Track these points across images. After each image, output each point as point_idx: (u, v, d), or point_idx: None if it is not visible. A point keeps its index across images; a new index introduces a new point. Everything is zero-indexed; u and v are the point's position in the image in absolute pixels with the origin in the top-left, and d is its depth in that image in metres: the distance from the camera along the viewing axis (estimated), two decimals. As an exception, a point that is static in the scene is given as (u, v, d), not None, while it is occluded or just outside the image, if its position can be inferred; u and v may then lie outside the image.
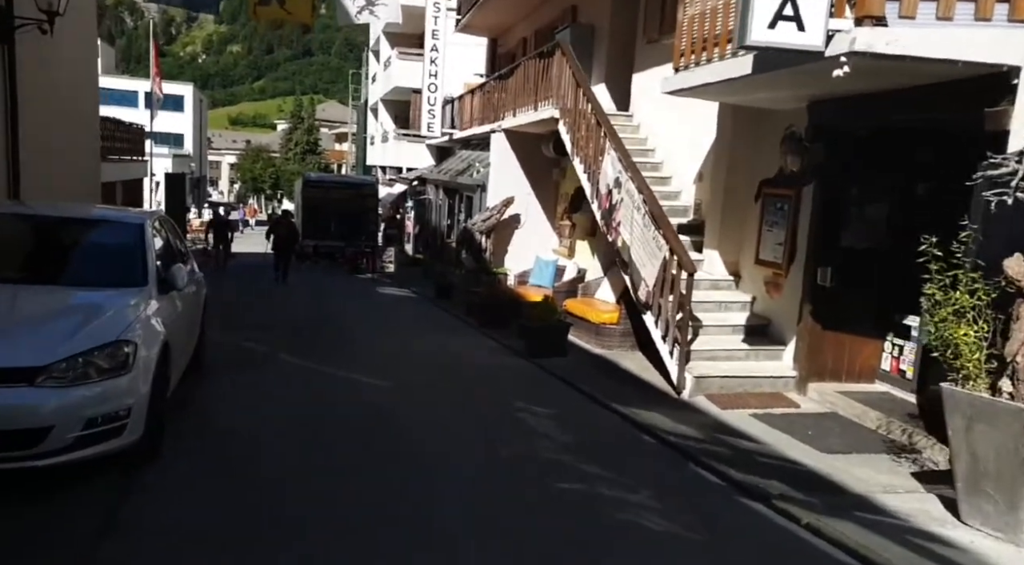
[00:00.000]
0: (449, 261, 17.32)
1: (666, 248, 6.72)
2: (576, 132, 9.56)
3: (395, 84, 25.45)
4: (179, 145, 45.76)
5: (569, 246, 12.72)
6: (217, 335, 8.06)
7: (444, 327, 11.02)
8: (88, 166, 14.88)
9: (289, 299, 13.32)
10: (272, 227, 17.00)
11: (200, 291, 6.73)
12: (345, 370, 7.25)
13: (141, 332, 4.24)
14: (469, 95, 17.57)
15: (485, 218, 13.27)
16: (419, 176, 20.98)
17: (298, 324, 10.29)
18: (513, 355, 8.62)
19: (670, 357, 6.68)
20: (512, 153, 13.64)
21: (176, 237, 6.48)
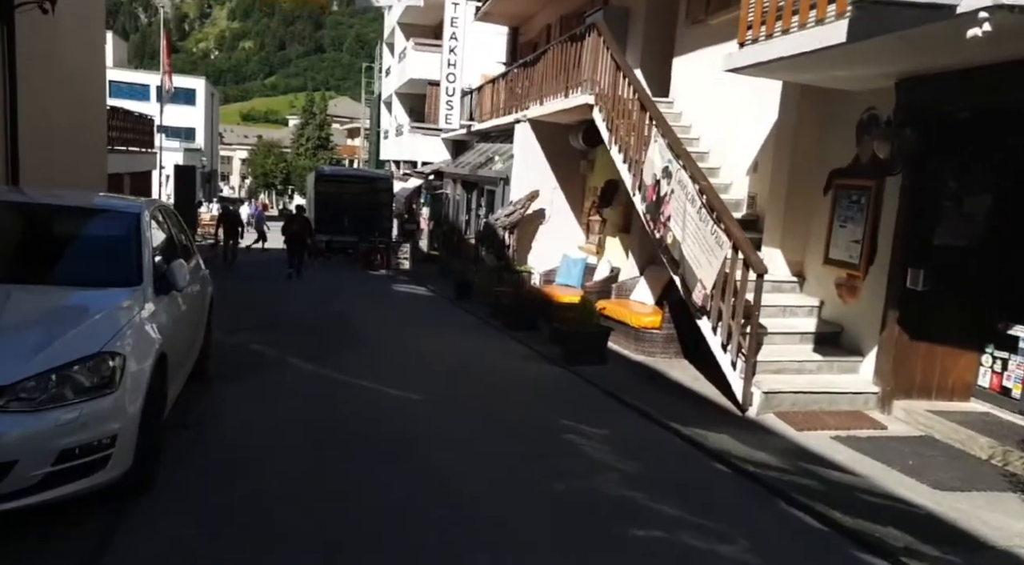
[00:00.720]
0: (467, 258, 16.60)
1: (728, 245, 5.95)
2: (614, 119, 8.79)
3: (410, 76, 24.74)
4: (190, 139, 45.29)
5: (598, 243, 11.96)
6: (224, 336, 7.39)
7: (467, 329, 10.30)
8: (94, 156, 14.26)
9: (301, 297, 12.63)
10: (286, 222, 17.11)
11: (206, 290, 6.03)
12: (362, 378, 6.53)
13: (132, 341, 3.53)
14: (489, 85, 16.82)
15: (508, 213, 12.53)
16: (435, 170, 20.26)
17: (310, 325, 9.60)
18: (547, 362, 7.87)
19: (732, 369, 5.91)
20: (537, 144, 12.89)
21: (179, 230, 5.78)
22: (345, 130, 73.02)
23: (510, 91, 14.73)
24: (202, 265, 6.19)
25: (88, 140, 13.69)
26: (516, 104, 14.03)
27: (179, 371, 4.49)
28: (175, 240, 5.27)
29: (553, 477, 4.24)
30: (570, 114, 11.26)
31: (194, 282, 5.36)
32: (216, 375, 6.16)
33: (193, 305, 5.17)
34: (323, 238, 20.30)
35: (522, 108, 13.41)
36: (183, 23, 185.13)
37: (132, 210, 4.61)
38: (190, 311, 5.01)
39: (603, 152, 12.07)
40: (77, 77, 13.20)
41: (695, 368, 7.63)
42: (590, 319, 7.59)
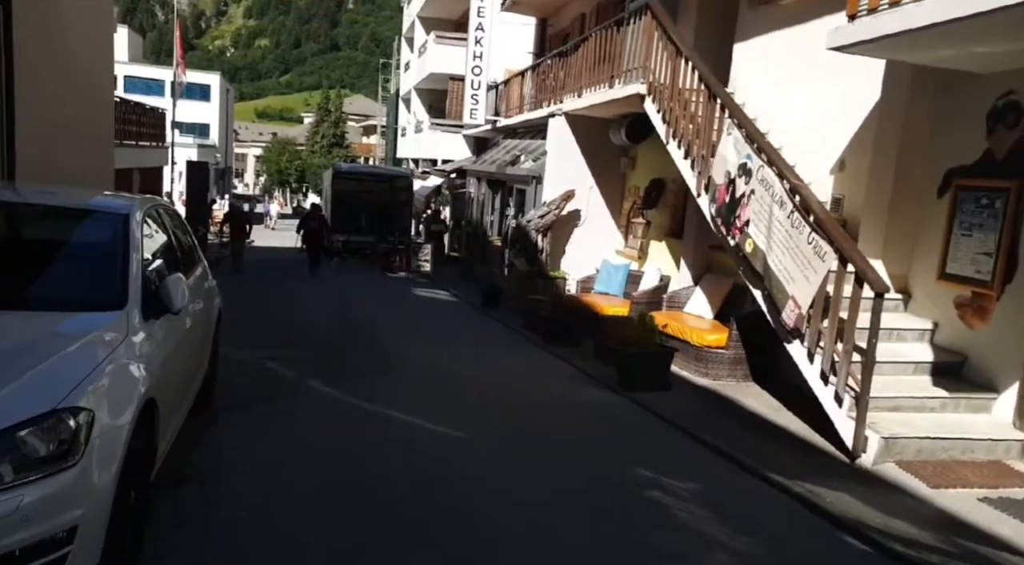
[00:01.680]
0: (492, 261, 15.67)
1: (833, 257, 4.96)
2: (673, 110, 7.81)
3: (431, 70, 23.82)
4: (205, 135, 44.70)
5: (640, 247, 10.98)
6: (233, 351, 6.52)
7: (501, 343, 9.35)
8: (100, 149, 13.45)
9: (317, 303, 11.74)
10: (303, 221, 17.17)
11: (212, 304, 5.13)
12: (393, 407, 5.60)
13: (106, 389, 2.62)
14: (517, 78, 15.87)
15: (541, 214, 11.58)
16: (458, 168, 19.34)
17: (329, 336, 8.68)
18: (599, 386, 6.91)
19: (837, 406, 4.92)
20: (573, 140, 11.93)
21: (182, 233, 4.89)
22: (360, 128, 72.40)
23: (541, 84, 13.77)
24: (209, 275, 5.29)
25: (93, 132, 12.89)
26: (549, 97, 13.07)
27: (174, 414, 3.58)
28: (174, 247, 4.35)
29: (642, 555, 3.28)
30: (613, 107, 10.29)
31: (197, 297, 4.46)
32: (223, 404, 5.26)
33: (196, 326, 4.27)
34: (340, 238, 19.47)
35: (556, 101, 12.45)
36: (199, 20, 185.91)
37: (119, 211, 3.69)
38: (191, 334, 4.10)
39: (646, 148, 11.11)
40: (82, 64, 12.39)
41: (770, 395, 6.65)
42: (651, 338, 6.62)
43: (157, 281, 3.48)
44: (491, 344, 9.22)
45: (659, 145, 10.70)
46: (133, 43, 43.89)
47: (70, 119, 11.82)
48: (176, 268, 4.05)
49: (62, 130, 11.53)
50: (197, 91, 46.31)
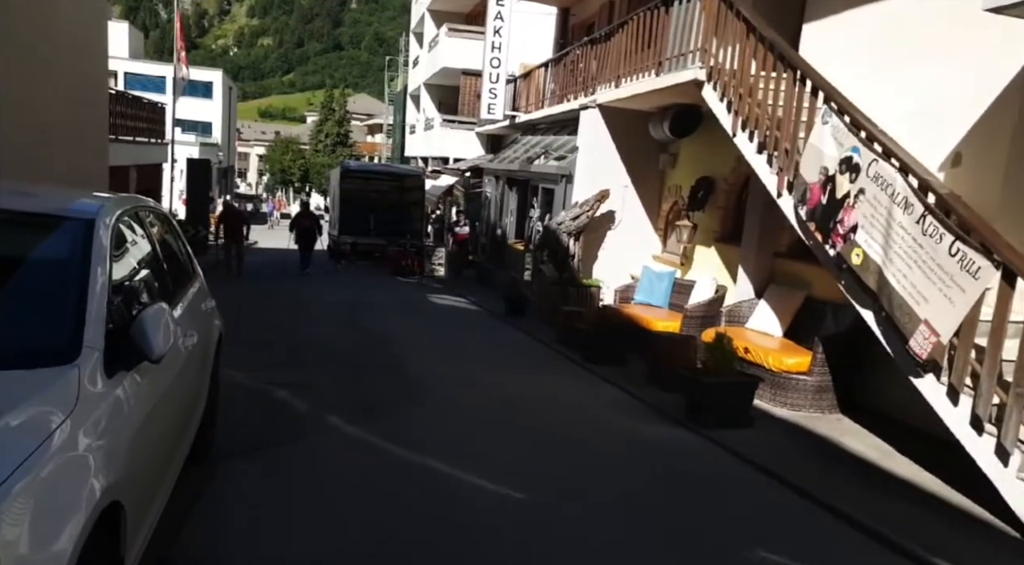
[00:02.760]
0: (511, 266, 14.66)
1: (991, 273, 3.94)
2: (742, 97, 6.78)
3: (443, 65, 22.81)
4: (207, 133, 43.72)
5: (684, 253, 9.95)
6: (234, 375, 5.55)
7: (535, 360, 8.33)
8: (93, 145, 12.45)
9: (327, 313, 10.73)
10: (295, 220, 17.13)
11: (211, 330, 4.12)
12: (430, 453, 4.59)
13: (34, 505, 1.61)
14: (540, 70, 14.86)
15: (574, 216, 10.56)
16: (474, 166, 18.32)
17: (344, 355, 7.66)
18: (663, 419, 5.89)
19: (1001, 465, 3.88)
20: (608, 134, 10.92)
21: (175, 242, 3.88)
22: (365, 127, 71.43)
23: (569, 74, 12.75)
24: (206, 294, 4.28)
25: (85, 126, 11.89)
26: (579, 89, 12.05)
27: (152, 504, 2.56)
28: (160, 264, 3.34)
29: None
30: (657, 97, 9.27)
31: (192, 326, 3.45)
32: (225, 448, 4.26)
33: (190, 364, 3.26)
34: (348, 240, 18.48)
35: (588, 93, 11.43)
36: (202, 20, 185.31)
37: (80, 215, 2.68)
38: (183, 378, 3.09)
39: (691, 144, 10.08)
40: (73, 51, 11.39)
41: (870, 432, 5.63)
42: (729, 365, 5.58)
43: (130, 315, 2.46)
44: (525, 362, 8.20)
45: (708, 140, 9.72)
46: (134, 39, 42.87)
47: (59, 111, 10.83)
48: (162, 293, 3.04)
49: (49, 123, 10.53)
50: (199, 88, 45.31)
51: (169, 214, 4.16)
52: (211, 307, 4.12)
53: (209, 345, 4.00)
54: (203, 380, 3.81)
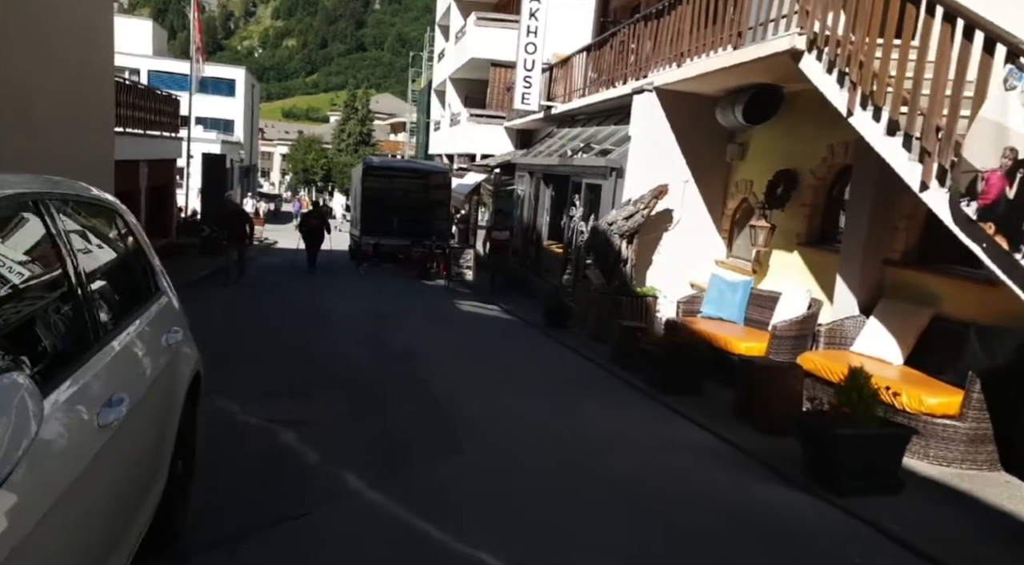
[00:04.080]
0: (548, 270, 13.37)
1: None
2: (863, 66, 5.41)
3: (471, 55, 21.58)
4: (229, 131, 43.01)
5: (757, 258, 8.57)
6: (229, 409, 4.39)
7: (590, 385, 7.01)
8: (95, 137, 11.40)
9: (345, 325, 9.51)
10: (304, 219, 16.93)
11: (178, 373, 2.87)
12: (483, 542, 3.31)
13: None
14: (581, 55, 13.54)
15: (627, 215, 9.23)
16: (504, 162, 17.05)
17: (363, 378, 6.40)
18: (771, 477, 4.54)
19: None
20: (665, 122, 9.59)
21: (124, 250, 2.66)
22: (388, 125, 70.61)
23: (618, 57, 11.42)
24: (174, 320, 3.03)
25: (86, 116, 10.83)
26: (630, 72, 10.71)
27: None
28: (76, 285, 2.07)
29: None
30: (732, 76, 7.91)
31: (133, 376, 2.20)
32: (201, 530, 3.02)
33: (125, 435, 2.01)
34: (370, 241, 17.32)
35: (641, 75, 10.10)
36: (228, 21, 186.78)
37: None
38: (110, 457, 1.84)
39: (767, 132, 8.67)
40: (71, 34, 10.33)
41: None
42: (870, 411, 4.21)
43: None
44: (577, 387, 6.88)
45: (789, 126, 8.32)
46: (158, 37, 42.31)
47: (53, 98, 9.78)
48: (66, 333, 1.78)
49: (40, 110, 9.48)
50: (222, 86, 44.69)
51: (124, 212, 2.92)
52: (175, 341, 2.86)
53: (172, 394, 2.75)
54: (160, 445, 2.57)
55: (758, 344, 6.88)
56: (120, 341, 2.23)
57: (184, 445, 3.00)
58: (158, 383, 2.54)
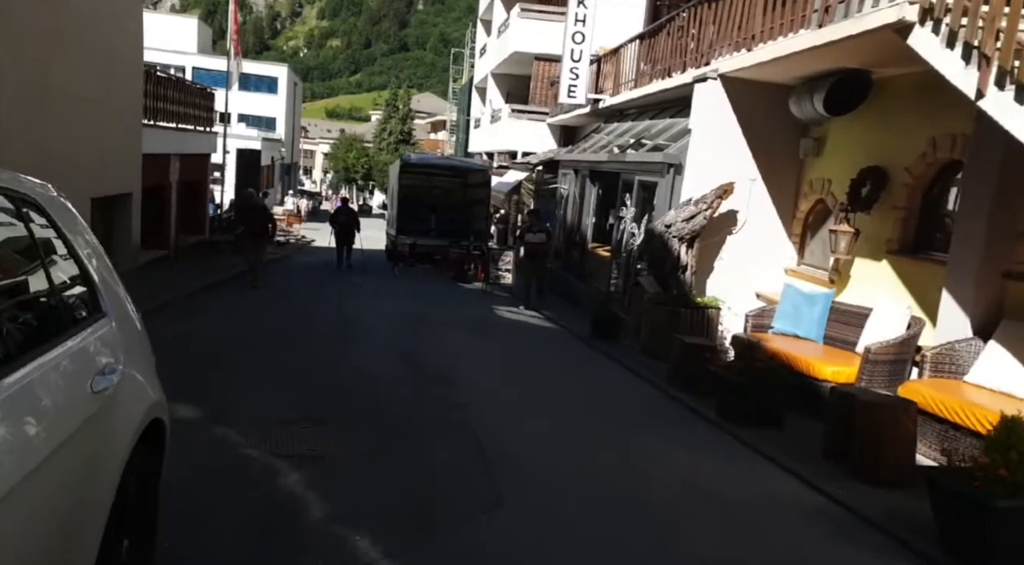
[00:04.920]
0: (593, 275, 12.46)
1: None
2: (1000, 36, 4.39)
3: (514, 49, 20.79)
4: (271, 129, 43.05)
5: (836, 267, 7.55)
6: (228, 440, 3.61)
7: (648, 413, 6.09)
8: (122, 129, 10.92)
9: (374, 335, 8.76)
10: (334, 215, 16.95)
11: (111, 440, 2.07)
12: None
13: None
14: (632, 45, 12.58)
15: (688, 216, 8.28)
16: (548, 159, 16.18)
17: (387, 400, 5.62)
18: (897, 552, 3.58)
19: None
20: (731, 113, 8.61)
21: (59, 259, 1.89)
22: (428, 125, 70.42)
23: (676, 44, 10.45)
24: (115, 353, 2.25)
25: (112, 107, 10.35)
26: (688, 60, 9.74)
27: None
28: None
29: None
30: (808, 61, 6.93)
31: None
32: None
33: None
34: (406, 241, 16.63)
35: (703, 63, 9.13)
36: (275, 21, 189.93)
37: None
38: None
39: (849, 124, 7.59)
40: (96, 22, 9.85)
41: None
42: (1019, 467, 3.23)
43: None
44: (637, 416, 5.97)
45: (878, 117, 7.24)
46: (203, 35, 42.61)
47: (76, 89, 9.28)
48: None
49: (60, 99, 8.99)
50: (264, 84, 44.83)
51: (51, 205, 2.15)
52: (108, 385, 2.06)
53: (103, 455, 1.96)
54: (77, 527, 1.79)
55: (845, 368, 5.89)
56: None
57: (132, 518, 2.22)
58: (73, 445, 1.76)
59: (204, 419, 4.61)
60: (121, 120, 10.82)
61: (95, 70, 9.80)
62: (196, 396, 5.05)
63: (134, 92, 11.39)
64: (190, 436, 4.26)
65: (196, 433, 4.34)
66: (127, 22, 11.02)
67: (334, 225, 16.21)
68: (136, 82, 11.46)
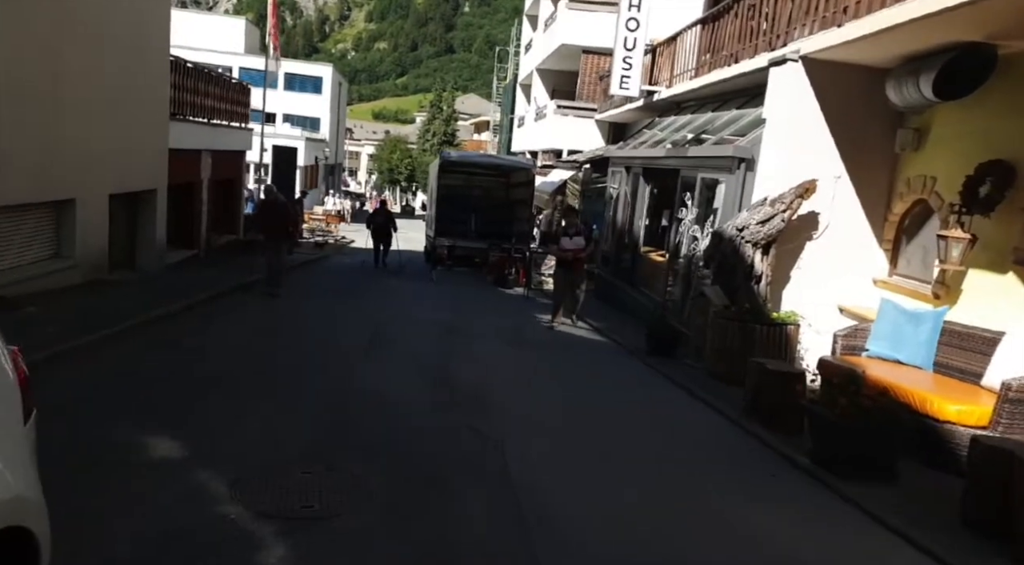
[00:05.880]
0: (645, 283, 11.39)
1: None
2: None
3: (562, 41, 19.82)
4: (315, 129, 42.96)
5: (943, 279, 6.36)
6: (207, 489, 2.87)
7: (728, 459, 5.03)
8: (146, 122, 10.33)
9: (403, 345, 7.90)
10: (371, 216, 17.03)
11: None
12: None
13: None
14: (693, 30, 11.47)
15: (763, 218, 7.18)
16: (597, 156, 15.15)
17: (411, 438, 4.70)
18: None
19: None
20: (814, 101, 7.48)
21: None
22: (471, 125, 69.93)
23: (744, 26, 9.33)
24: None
25: (133, 98, 9.75)
26: (761, 43, 8.62)
27: None
28: None
29: None
30: (915, 34, 5.78)
31: None
32: None
33: None
34: (445, 242, 15.81)
35: (779, 45, 8.00)
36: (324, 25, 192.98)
37: None
38: None
39: (961, 111, 6.39)
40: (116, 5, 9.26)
41: None
42: None
43: None
44: (712, 460, 4.93)
45: (1002, 101, 6.03)
46: (250, 35, 42.80)
47: (93, 76, 8.68)
48: None
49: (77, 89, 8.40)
50: (309, 84, 44.79)
51: None
52: None
53: None
54: None
55: (974, 407, 4.74)
56: None
57: None
58: None
59: (184, 461, 3.79)
60: (145, 111, 10.24)
61: (115, 56, 9.20)
62: (182, 428, 4.25)
63: (160, 82, 10.81)
64: (161, 484, 3.44)
65: (170, 480, 3.52)
66: (152, 5, 10.41)
67: (370, 226, 16.23)
68: (162, 71, 10.87)
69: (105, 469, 3.60)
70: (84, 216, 8.54)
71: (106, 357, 5.87)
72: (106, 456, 3.75)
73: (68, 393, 4.78)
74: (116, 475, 3.55)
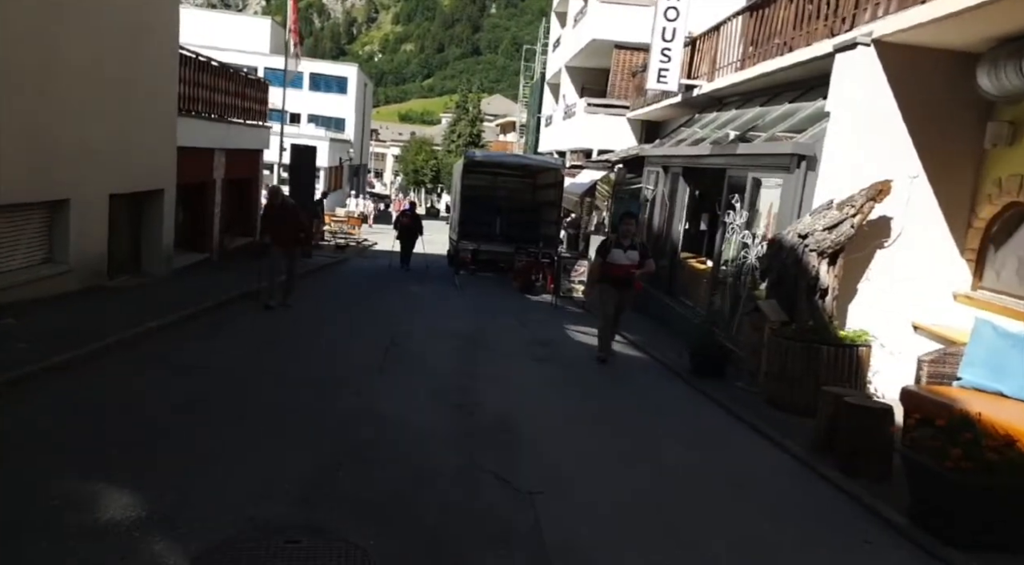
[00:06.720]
0: (686, 293, 10.51)
1: None
2: None
3: (592, 37, 18.99)
4: (340, 129, 42.60)
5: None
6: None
7: (802, 516, 4.16)
8: (150, 117, 9.71)
9: (419, 362, 7.13)
10: (397, 219, 17.19)
11: None
12: None
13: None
14: (737, 19, 10.56)
15: (830, 223, 6.28)
16: (631, 156, 14.27)
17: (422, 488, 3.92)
18: None
19: None
20: (888, 90, 6.56)
21: None
22: (497, 126, 69.27)
23: (799, 11, 8.41)
24: None
25: (137, 93, 9.14)
26: (822, 26, 7.70)
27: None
28: None
29: None
30: (1016, 9, 4.86)
31: None
32: None
33: None
34: (469, 246, 15.05)
35: (844, 29, 7.08)
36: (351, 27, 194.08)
37: None
38: None
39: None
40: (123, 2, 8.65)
41: None
42: None
43: None
44: (783, 517, 4.07)
45: None
46: (276, 35, 42.60)
47: (92, 68, 8.06)
48: None
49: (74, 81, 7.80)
50: (334, 84, 44.47)
51: None
52: None
53: None
54: None
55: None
56: None
57: None
58: None
59: (136, 524, 3.05)
60: (150, 107, 9.63)
61: (116, 47, 8.59)
62: (144, 475, 3.52)
63: (167, 76, 10.20)
64: (111, 558, 2.70)
65: (111, 555, 2.77)
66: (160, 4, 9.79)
67: (396, 227, 16.39)
68: (170, 65, 10.26)
69: (31, 534, 2.87)
70: (80, 218, 7.92)
71: (77, 380, 5.14)
72: (36, 516, 3.03)
73: (18, 428, 4.09)
74: (42, 543, 2.82)
